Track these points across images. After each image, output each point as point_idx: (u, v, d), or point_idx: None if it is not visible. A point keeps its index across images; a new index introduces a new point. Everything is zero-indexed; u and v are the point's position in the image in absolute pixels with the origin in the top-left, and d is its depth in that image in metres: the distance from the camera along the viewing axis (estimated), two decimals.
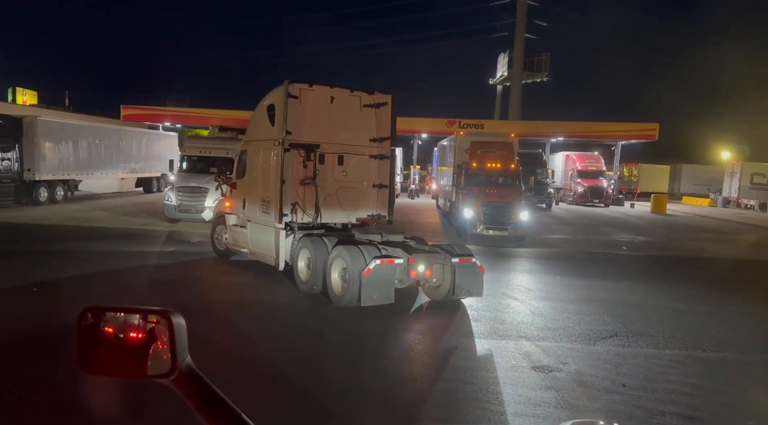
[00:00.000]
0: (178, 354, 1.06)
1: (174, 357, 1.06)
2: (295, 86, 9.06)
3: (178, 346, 1.06)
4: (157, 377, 1.07)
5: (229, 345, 6.11)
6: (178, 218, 16.52)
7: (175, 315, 1.09)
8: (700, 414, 4.60)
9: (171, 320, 1.08)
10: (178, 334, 1.07)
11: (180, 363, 1.06)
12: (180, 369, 1.06)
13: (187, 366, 1.07)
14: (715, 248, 16.64)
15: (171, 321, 1.08)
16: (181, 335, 1.08)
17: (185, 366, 1.07)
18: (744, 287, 10.92)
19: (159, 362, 1.08)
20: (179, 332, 1.07)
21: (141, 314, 1.12)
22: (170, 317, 1.08)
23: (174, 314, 1.09)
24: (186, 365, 1.07)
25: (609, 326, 7.18)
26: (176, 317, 1.08)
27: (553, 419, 4.33)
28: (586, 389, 5.04)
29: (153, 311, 1.11)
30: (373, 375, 5.33)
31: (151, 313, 1.11)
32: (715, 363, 5.97)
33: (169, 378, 1.06)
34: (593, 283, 10.28)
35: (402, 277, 7.65)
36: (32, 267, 9.66)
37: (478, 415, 4.39)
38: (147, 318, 1.12)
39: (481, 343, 6.34)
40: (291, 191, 9.07)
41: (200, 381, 1.06)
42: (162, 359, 1.07)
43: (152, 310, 1.12)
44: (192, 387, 1.05)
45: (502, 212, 15.43)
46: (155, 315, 1.11)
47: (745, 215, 31.59)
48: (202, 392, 1.05)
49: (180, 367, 1.06)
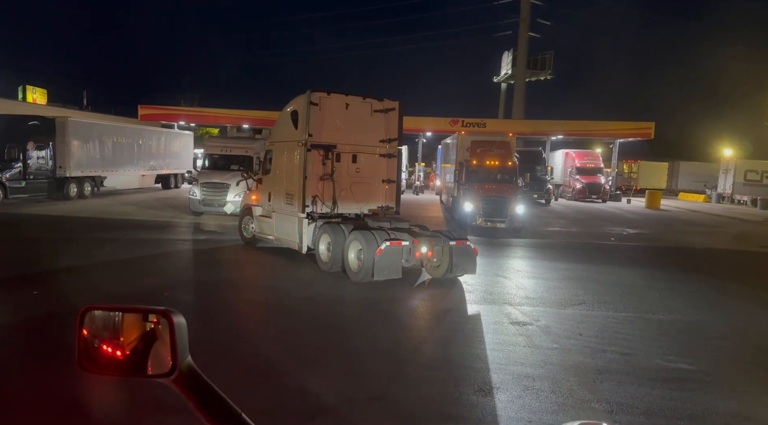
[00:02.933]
0: (178, 353, 1.06)
1: (174, 357, 1.05)
2: (315, 95, 10.53)
3: (178, 346, 1.06)
4: (158, 377, 1.08)
5: (268, 307, 7.65)
6: (201, 212, 18.05)
7: (176, 315, 1.08)
8: (634, 352, 6.06)
9: (172, 319, 1.07)
10: (179, 334, 1.07)
11: (180, 363, 1.06)
12: (180, 369, 1.05)
13: (187, 365, 1.07)
14: (697, 239, 18.01)
15: (172, 320, 1.07)
16: (181, 334, 1.07)
17: (186, 365, 1.06)
18: (709, 271, 12.33)
19: (159, 362, 1.08)
20: (180, 331, 1.07)
21: (142, 314, 1.13)
22: (171, 316, 1.08)
23: (175, 314, 1.08)
24: (186, 365, 1.07)
25: (580, 297, 8.65)
26: (177, 317, 1.08)
27: (519, 352, 5.82)
28: (550, 336, 6.51)
29: (154, 310, 1.11)
30: (384, 327, 6.84)
31: (151, 313, 1.11)
32: (660, 322, 7.42)
33: (169, 377, 1.05)
34: (575, 266, 11.73)
35: (408, 257, 9.13)
36: (95, 250, 11.30)
37: (465, 352, 5.87)
38: (148, 318, 1.12)
39: (472, 307, 7.85)
40: (312, 186, 10.55)
41: (201, 380, 1.06)
42: (162, 359, 1.07)
43: (153, 309, 1.12)
44: (192, 386, 1.05)
45: (500, 206, 16.87)
46: (156, 315, 1.11)
47: (735, 210, 32.88)
48: (202, 392, 1.04)
49: (180, 367, 1.05)
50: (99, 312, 1.13)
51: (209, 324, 6.44)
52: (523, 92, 49.26)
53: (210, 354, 5.58)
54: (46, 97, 48.41)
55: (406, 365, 5.52)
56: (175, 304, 6.59)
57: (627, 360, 5.78)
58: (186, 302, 7.62)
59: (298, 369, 5.29)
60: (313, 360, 5.56)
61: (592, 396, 4.79)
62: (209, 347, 5.25)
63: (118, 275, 9.20)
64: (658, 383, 5.16)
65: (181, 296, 8.04)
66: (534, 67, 50.47)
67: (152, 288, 8.27)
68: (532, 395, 4.76)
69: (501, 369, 5.37)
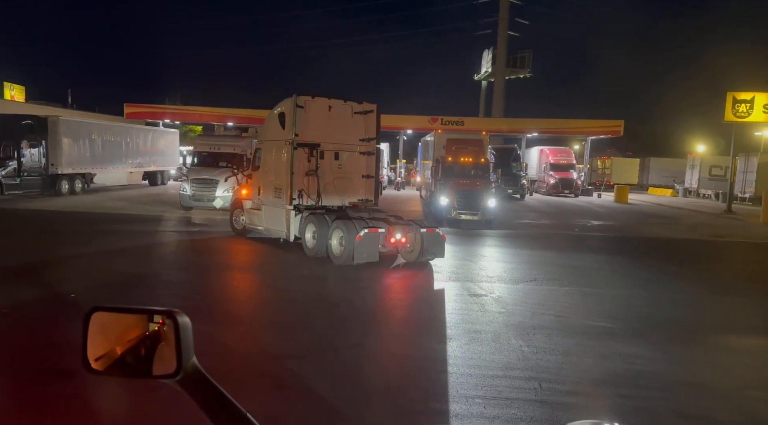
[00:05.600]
0: (183, 354, 1.06)
1: (180, 358, 1.06)
2: (301, 98, 11.69)
3: (183, 346, 1.07)
4: (163, 377, 1.08)
5: (261, 284, 8.84)
6: (191, 206, 19.07)
7: (181, 315, 1.09)
8: (567, 315, 7.37)
9: (177, 320, 1.08)
10: (184, 334, 1.07)
11: (185, 364, 1.06)
12: (185, 370, 1.06)
13: (192, 366, 1.07)
14: (654, 230, 19.55)
15: (177, 321, 1.08)
16: (186, 335, 1.08)
17: (191, 366, 1.07)
18: (655, 256, 13.77)
19: (164, 362, 1.09)
20: (185, 332, 1.08)
21: (147, 315, 1.14)
22: (176, 317, 1.08)
23: (179, 315, 1.09)
24: (192, 365, 1.07)
25: (533, 275, 9.97)
26: (182, 318, 1.09)
27: (473, 315, 7.09)
28: (500, 304, 7.80)
29: (159, 311, 1.12)
30: (362, 298, 8.08)
31: (156, 313, 1.12)
32: (596, 295, 8.77)
33: (174, 378, 1.06)
34: (536, 253, 13.07)
35: (384, 242, 10.37)
36: (101, 240, 12.35)
37: (429, 315, 7.14)
38: (153, 319, 1.13)
39: (438, 283, 9.13)
40: (298, 181, 11.71)
41: (206, 381, 1.07)
42: (167, 359, 1.08)
43: (158, 310, 1.12)
44: (198, 387, 1.06)
45: (473, 199, 18.18)
46: (161, 315, 1.11)
47: (699, 203, 34.74)
48: (207, 392, 1.05)
49: (185, 368, 1.06)
50: (104, 313, 1.15)
51: (215, 296, 7.60)
52: (503, 90, 50.70)
53: (214, 316, 6.79)
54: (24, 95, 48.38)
55: (380, 324, 6.77)
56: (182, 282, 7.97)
57: (559, 320, 7.09)
58: (191, 281, 8.77)
59: (289, 326, 6.49)
60: (303, 320, 6.78)
61: (524, 343, 6.06)
62: (213, 312, 6.42)
63: (129, 259, 10.36)
64: (580, 335, 6.46)
65: (185, 276, 9.19)
66: (513, 66, 51.78)
67: (160, 270, 9.46)
68: (477, 343, 6.02)
69: (456, 326, 6.63)
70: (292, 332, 6.30)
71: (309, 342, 5.97)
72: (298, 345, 5.89)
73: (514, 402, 4.52)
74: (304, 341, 5.98)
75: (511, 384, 4.91)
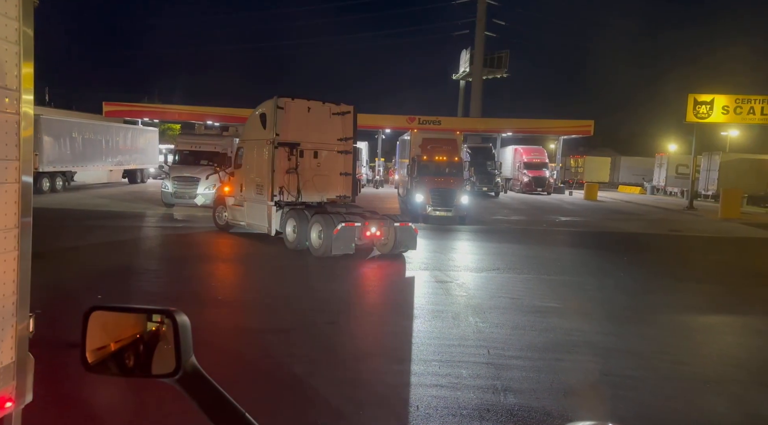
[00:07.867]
0: (182, 353, 1.07)
1: (179, 357, 1.06)
2: (281, 100, 12.40)
3: (182, 346, 1.07)
4: (162, 376, 1.09)
5: (245, 272, 9.56)
6: (173, 203, 19.58)
7: (180, 315, 1.09)
8: (521, 297, 8.25)
9: (176, 319, 1.08)
10: (183, 334, 1.08)
11: (184, 363, 1.06)
12: (185, 369, 1.06)
13: (191, 365, 1.08)
14: (618, 225, 20.69)
15: (176, 320, 1.08)
16: (185, 334, 1.08)
17: (190, 365, 1.07)
18: (613, 248, 14.81)
19: (163, 362, 1.09)
20: (184, 331, 1.08)
21: (146, 314, 1.14)
22: (175, 316, 1.09)
23: (178, 314, 1.09)
24: (190, 364, 1.08)
25: (496, 265, 10.87)
26: (181, 317, 1.09)
27: (437, 298, 7.93)
28: (462, 289, 8.66)
29: (158, 310, 1.12)
30: (338, 284, 8.87)
31: (156, 312, 1.13)
32: (551, 281, 9.68)
33: (173, 377, 1.06)
34: (503, 245, 14.00)
35: (360, 236, 11.15)
36: (90, 234, 12.88)
37: (397, 298, 7.96)
38: (152, 318, 1.13)
39: (409, 272, 9.97)
40: (279, 178, 12.42)
41: (205, 380, 1.07)
42: (167, 358, 1.08)
43: (157, 310, 1.13)
44: (196, 386, 1.06)
45: (447, 196, 19.06)
46: (160, 315, 1.12)
47: (665, 200, 36.30)
48: (206, 392, 1.06)
49: (184, 367, 1.06)
50: (103, 312, 1.15)
51: (202, 282, 8.31)
52: (480, 90, 51.67)
53: (200, 299, 7.52)
54: None
55: (353, 305, 7.58)
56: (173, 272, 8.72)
57: (513, 302, 7.96)
58: (181, 270, 9.44)
59: (271, 307, 7.25)
60: (283, 303, 7.54)
61: (479, 319, 6.91)
62: (203, 296, 7.14)
63: (121, 252, 10.94)
64: (530, 314, 7.34)
65: (175, 266, 9.85)
66: (491, 66, 52.55)
67: (152, 261, 10.09)
68: (439, 320, 6.86)
69: (421, 307, 7.46)
70: (274, 312, 7.06)
71: (290, 319, 6.73)
72: (280, 322, 6.64)
73: (465, 364, 5.36)
74: (285, 319, 6.75)
75: (464, 351, 5.75)
